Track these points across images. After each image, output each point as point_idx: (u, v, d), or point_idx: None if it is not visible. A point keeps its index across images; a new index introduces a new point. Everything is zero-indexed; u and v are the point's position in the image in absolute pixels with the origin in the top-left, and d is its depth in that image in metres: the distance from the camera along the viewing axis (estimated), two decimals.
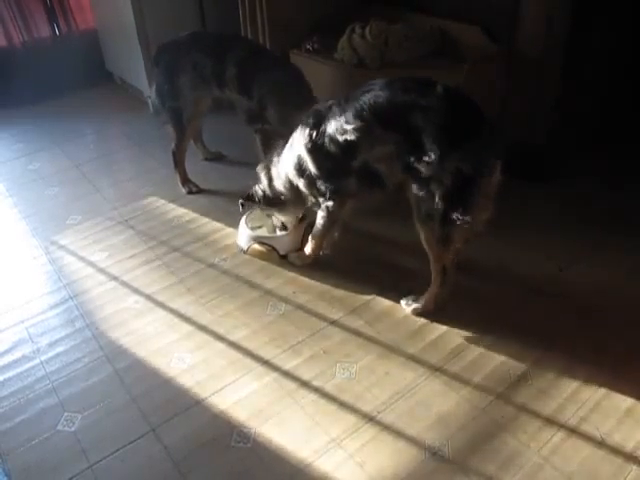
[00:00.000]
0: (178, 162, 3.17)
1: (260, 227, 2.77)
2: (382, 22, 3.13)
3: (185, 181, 3.20)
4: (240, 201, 2.61)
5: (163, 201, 3.11)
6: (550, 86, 2.85)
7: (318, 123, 2.19)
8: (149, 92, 4.02)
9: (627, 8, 2.87)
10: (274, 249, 2.63)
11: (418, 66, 3.02)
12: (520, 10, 2.77)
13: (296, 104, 2.64)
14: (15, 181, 3.41)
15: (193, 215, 2.97)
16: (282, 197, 2.51)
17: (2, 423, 1.92)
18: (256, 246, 2.67)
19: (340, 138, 2.12)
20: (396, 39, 3.07)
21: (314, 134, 2.20)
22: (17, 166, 3.58)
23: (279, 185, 2.47)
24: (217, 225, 2.89)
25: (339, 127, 2.11)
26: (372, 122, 2.04)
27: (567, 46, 2.75)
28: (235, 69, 2.81)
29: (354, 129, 2.07)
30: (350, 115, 2.07)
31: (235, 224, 2.82)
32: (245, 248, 2.67)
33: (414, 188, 2.07)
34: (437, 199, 2.01)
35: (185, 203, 3.08)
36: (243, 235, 2.69)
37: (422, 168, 2.00)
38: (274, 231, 2.73)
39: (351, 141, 2.09)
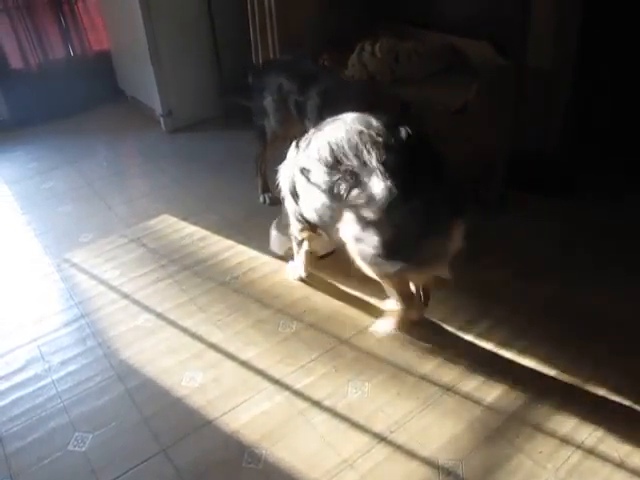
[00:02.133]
0: (258, 171, 3.21)
1: None
2: (392, 39, 3.15)
3: (264, 191, 3.23)
4: None
5: (175, 219, 3.12)
6: (561, 101, 2.84)
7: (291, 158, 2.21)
8: (161, 110, 4.09)
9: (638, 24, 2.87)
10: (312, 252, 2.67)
11: (429, 82, 3.03)
12: (529, 25, 2.77)
13: None
14: (29, 199, 3.45)
15: (204, 233, 2.97)
16: None
17: (14, 442, 1.92)
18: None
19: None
20: (406, 55, 3.07)
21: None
22: (31, 184, 3.62)
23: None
24: (228, 243, 2.88)
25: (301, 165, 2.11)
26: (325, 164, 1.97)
27: (578, 61, 2.74)
28: (318, 99, 2.73)
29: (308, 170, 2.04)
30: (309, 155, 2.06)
31: (246, 242, 2.83)
32: (282, 253, 2.73)
33: (355, 228, 1.93)
34: (376, 245, 1.88)
35: (197, 221, 3.08)
36: (278, 241, 2.74)
37: (367, 211, 1.86)
38: None
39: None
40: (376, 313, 2.36)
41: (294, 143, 2.28)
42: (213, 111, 4.29)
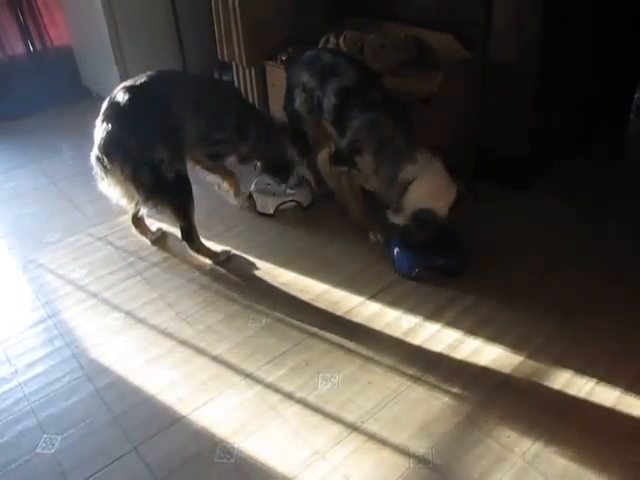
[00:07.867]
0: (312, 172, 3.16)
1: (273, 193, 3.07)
2: (357, 31, 3.16)
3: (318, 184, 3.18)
4: None
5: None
6: (524, 95, 2.88)
7: None
8: None
9: (598, 19, 2.93)
10: (298, 203, 3.03)
11: (394, 74, 3.04)
12: (492, 19, 2.81)
13: (394, 155, 2.42)
14: None
15: (171, 230, 2.94)
16: None
17: None
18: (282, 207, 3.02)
19: None
20: (371, 48, 3.09)
21: None
22: None
23: None
24: None
25: None
26: None
27: (540, 54, 2.77)
28: (334, 99, 2.57)
29: None
30: None
31: (212, 237, 2.81)
32: (272, 211, 3.01)
33: None
34: None
35: (162, 218, 3.04)
36: (267, 201, 3.02)
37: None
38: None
39: None
40: (345, 305, 2.38)
41: None
42: None
